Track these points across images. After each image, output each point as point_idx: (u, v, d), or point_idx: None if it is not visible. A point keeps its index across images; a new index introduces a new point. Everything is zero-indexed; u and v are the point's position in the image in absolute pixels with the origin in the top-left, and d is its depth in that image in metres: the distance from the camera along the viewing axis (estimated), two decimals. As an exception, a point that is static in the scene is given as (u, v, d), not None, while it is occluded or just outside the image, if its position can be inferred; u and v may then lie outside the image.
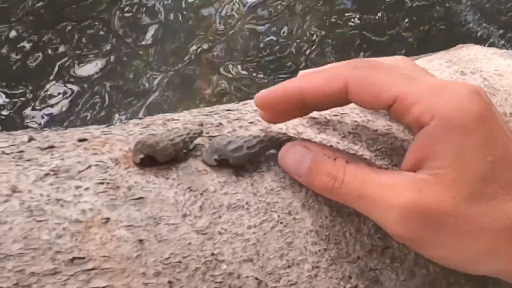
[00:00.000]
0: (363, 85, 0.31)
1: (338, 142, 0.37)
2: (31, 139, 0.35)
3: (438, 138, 0.30)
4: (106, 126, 0.39)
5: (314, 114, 0.39)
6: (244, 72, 1.33)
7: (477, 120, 0.29)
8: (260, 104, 0.35)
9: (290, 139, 0.36)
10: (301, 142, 0.35)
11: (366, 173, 0.32)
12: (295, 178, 0.35)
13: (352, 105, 0.41)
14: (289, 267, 0.33)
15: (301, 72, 0.37)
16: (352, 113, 0.40)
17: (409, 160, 0.32)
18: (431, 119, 0.30)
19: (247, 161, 0.35)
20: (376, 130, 0.39)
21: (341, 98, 0.33)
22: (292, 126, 0.38)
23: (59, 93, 1.32)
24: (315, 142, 0.36)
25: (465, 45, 0.51)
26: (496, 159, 0.30)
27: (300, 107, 0.34)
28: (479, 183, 0.29)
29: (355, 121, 0.39)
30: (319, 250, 0.34)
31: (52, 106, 1.30)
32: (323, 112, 0.39)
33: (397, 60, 0.36)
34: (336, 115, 0.39)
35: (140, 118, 0.40)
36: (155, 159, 0.34)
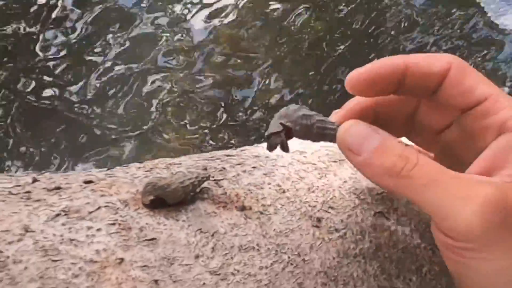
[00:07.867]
0: (465, 72, 0.33)
1: (340, 187, 0.39)
2: (35, 180, 0.35)
3: None
4: (108, 169, 0.39)
5: (314, 160, 0.40)
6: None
7: None
8: (356, 84, 0.34)
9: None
10: (365, 123, 0.33)
11: (439, 165, 0.30)
12: (349, 156, 0.32)
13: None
14: (301, 308, 0.33)
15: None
16: (348, 160, 0.41)
17: (480, 166, 0.31)
18: None
19: (309, 132, 0.34)
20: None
21: (438, 82, 0.33)
22: (294, 171, 0.39)
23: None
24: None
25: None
26: None
27: (395, 83, 0.34)
28: None
29: (353, 167, 0.41)
30: (328, 292, 0.34)
31: None
32: (322, 159, 0.41)
33: None
34: (335, 162, 0.41)
35: (141, 162, 0.40)
36: (163, 201, 0.34)
